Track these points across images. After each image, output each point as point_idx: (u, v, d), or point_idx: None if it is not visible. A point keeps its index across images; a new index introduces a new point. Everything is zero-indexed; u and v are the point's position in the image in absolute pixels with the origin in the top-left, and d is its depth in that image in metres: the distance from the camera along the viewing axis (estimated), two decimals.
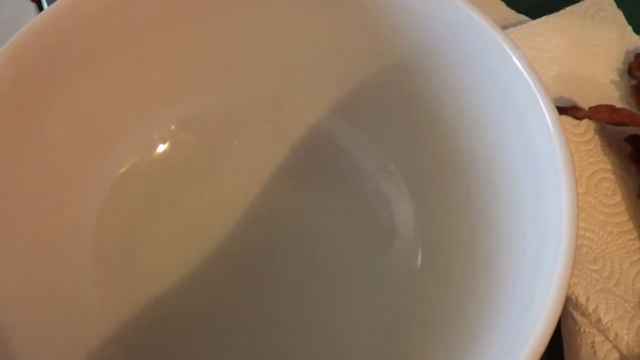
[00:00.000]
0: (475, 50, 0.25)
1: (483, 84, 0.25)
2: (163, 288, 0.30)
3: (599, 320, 0.29)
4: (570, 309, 0.30)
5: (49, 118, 0.27)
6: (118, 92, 0.29)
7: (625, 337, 0.29)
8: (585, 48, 0.38)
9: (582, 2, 0.40)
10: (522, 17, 0.40)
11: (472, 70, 0.26)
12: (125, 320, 0.29)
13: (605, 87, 0.37)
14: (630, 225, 0.32)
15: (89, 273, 0.29)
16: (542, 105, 0.22)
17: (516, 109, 0.24)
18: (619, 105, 0.35)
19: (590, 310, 0.29)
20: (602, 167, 0.34)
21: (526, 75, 0.23)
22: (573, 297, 0.30)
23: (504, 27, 0.38)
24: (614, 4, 0.40)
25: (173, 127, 0.31)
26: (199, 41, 0.29)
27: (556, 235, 0.21)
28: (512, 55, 0.24)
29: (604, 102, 0.34)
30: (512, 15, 0.40)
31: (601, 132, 0.35)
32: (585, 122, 0.34)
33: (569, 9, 0.39)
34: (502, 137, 0.25)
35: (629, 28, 0.39)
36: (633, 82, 0.37)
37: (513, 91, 0.24)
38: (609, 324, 0.29)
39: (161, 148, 0.32)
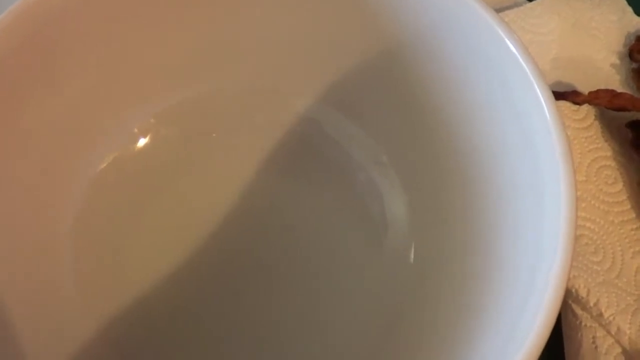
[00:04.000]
0: (468, 35, 0.24)
1: (477, 71, 0.25)
2: (147, 286, 0.29)
3: (600, 314, 0.28)
4: (570, 302, 0.29)
5: (25, 113, 0.26)
6: (96, 85, 0.28)
7: (628, 332, 0.28)
8: (584, 30, 0.37)
9: None
10: None
11: (466, 56, 0.25)
12: (109, 320, 0.28)
13: (605, 71, 0.36)
14: (632, 215, 0.31)
15: (70, 272, 0.28)
16: (539, 93, 0.22)
17: (512, 96, 0.23)
18: (619, 89, 0.34)
19: (591, 303, 0.29)
20: (603, 154, 0.33)
21: (522, 62, 0.22)
22: (573, 291, 0.29)
23: (500, 10, 0.37)
24: None
25: (153, 120, 0.30)
26: (180, 31, 0.28)
27: (554, 227, 0.20)
28: (506, 40, 0.23)
29: (604, 87, 0.33)
30: None
31: (601, 117, 0.34)
32: (585, 108, 0.33)
33: None
34: (498, 127, 0.24)
35: (630, 9, 0.38)
36: (634, 65, 0.36)
37: (508, 78, 0.23)
38: (610, 318, 0.28)
39: (142, 142, 0.31)
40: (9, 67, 0.24)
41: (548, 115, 0.21)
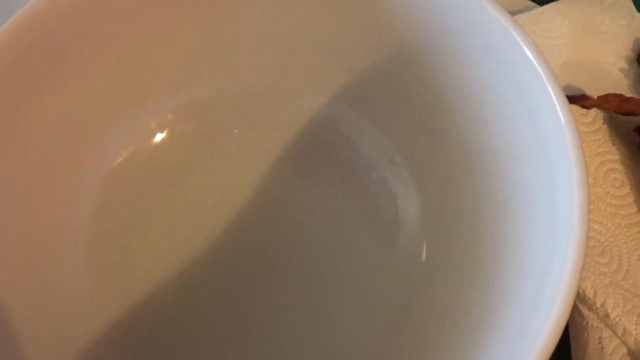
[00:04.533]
0: (483, 37, 0.24)
1: (490, 73, 0.25)
2: (158, 285, 0.29)
3: (607, 315, 0.29)
4: (577, 303, 0.29)
5: (42, 107, 0.26)
6: (114, 80, 0.28)
7: (634, 333, 0.28)
8: (593, 35, 0.37)
9: None
10: (529, 3, 0.39)
11: (480, 58, 0.25)
12: (117, 319, 0.28)
13: (614, 76, 0.37)
14: (639, 218, 0.32)
15: (82, 269, 0.28)
16: (553, 96, 0.22)
17: (525, 98, 0.23)
18: (628, 94, 0.34)
19: (598, 304, 0.29)
20: (610, 157, 0.33)
21: (536, 65, 0.22)
22: (580, 291, 0.29)
23: (511, 14, 0.37)
24: None
25: (170, 115, 0.31)
26: (198, 27, 0.28)
27: (567, 229, 0.20)
28: (522, 43, 0.23)
29: (612, 91, 0.33)
30: (519, 1, 0.39)
31: (610, 121, 0.34)
32: (594, 111, 0.34)
33: None
34: (511, 128, 0.24)
35: (638, 15, 0.39)
36: None
37: (522, 80, 0.23)
38: (617, 319, 0.29)
39: (159, 137, 0.31)
40: (26, 61, 0.24)
41: (562, 118, 0.21)
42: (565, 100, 0.22)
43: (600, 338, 0.29)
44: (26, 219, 0.26)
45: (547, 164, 0.22)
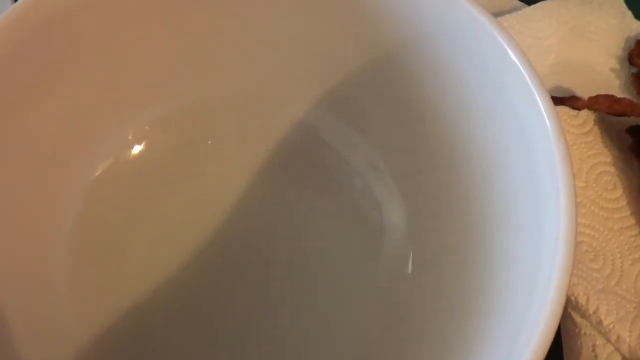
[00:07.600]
0: (467, 41, 0.24)
1: (476, 77, 0.24)
2: (142, 295, 0.29)
3: (600, 323, 0.28)
4: (570, 310, 0.29)
5: (18, 121, 0.25)
6: (91, 93, 0.28)
7: (628, 340, 0.28)
8: (583, 35, 0.37)
9: None
10: (518, 3, 0.39)
11: (464, 62, 0.24)
12: (103, 329, 0.28)
13: (604, 76, 0.36)
14: (632, 221, 0.31)
15: (65, 282, 0.28)
16: (539, 102, 0.21)
17: (511, 103, 0.23)
18: (619, 94, 0.34)
19: (591, 311, 0.28)
20: (603, 160, 0.32)
21: (521, 69, 0.22)
22: (573, 299, 0.29)
23: (499, 14, 0.37)
24: None
25: (147, 127, 0.30)
26: (175, 38, 0.28)
27: (554, 237, 0.20)
28: (506, 47, 0.22)
29: (603, 92, 0.33)
30: (507, 2, 0.39)
31: (601, 123, 0.33)
32: (585, 113, 0.33)
33: None
34: (498, 134, 0.24)
35: (629, 14, 0.38)
36: (634, 70, 0.36)
37: (507, 85, 0.23)
38: (610, 326, 0.28)
39: (137, 149, 0.30)
40: (2, 73, 0.24)
41: (549, 125, 0.21)
42: (552, 106, 0.21)
43: (594, 346, 0.28)
44: (7, 233, 0.26)
45: (533, 171, 0.22)
